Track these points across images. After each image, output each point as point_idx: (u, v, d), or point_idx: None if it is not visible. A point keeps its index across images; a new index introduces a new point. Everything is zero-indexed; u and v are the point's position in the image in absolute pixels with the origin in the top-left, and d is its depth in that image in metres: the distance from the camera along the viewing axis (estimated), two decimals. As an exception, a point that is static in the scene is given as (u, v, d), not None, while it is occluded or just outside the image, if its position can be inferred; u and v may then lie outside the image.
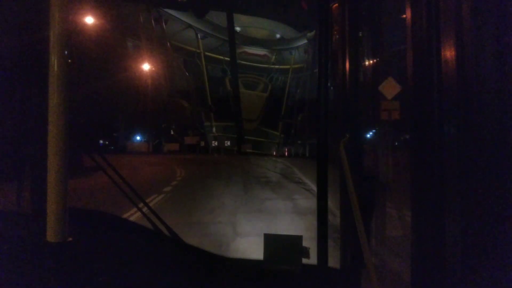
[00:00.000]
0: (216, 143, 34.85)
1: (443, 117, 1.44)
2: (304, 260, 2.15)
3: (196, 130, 36.91)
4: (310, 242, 2.02)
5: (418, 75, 1.55)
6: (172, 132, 37.36)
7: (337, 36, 2.28)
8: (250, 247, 5.76)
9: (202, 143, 35.56)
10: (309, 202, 10.28)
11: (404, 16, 1.65)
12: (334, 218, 2.55)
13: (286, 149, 36.05)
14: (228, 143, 32.80)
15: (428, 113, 1.49)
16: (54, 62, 1.59)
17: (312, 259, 2.13)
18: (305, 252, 2.15)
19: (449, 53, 1.43)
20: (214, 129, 34.31)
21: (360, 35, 2.32)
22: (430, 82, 1.49)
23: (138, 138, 38.06)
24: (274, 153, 36.36)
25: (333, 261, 2.17)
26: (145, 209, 2.70)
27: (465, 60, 1.37)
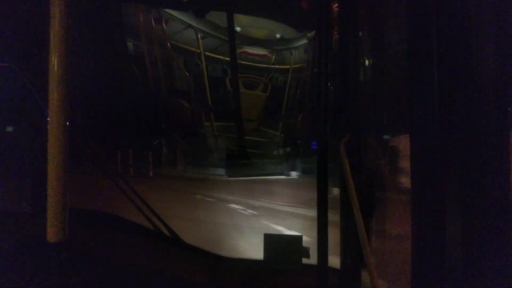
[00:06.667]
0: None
1: (443, 117, 1.44)
2: (304, 260, 2.15)
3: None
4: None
5: (418, 74, 1.55)
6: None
7: (337, 36, 2.28)
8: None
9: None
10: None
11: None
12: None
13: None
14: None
15: (428, 113, 1.49)
16: (54, 62, 1.60)
17: (312, 259, 2.13)
18: (305, 252, 2.15)
19: (449, 51, 1.43)
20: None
21: (360, 35, 2.31)
22: (430, 81, 1.49)
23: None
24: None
25: (333, 261, 2.18)
26: (145, 209, 2.70)
27: (466, 59, 1.37)
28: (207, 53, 15.33)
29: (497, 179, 1.31)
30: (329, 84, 2.22)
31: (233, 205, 7.80)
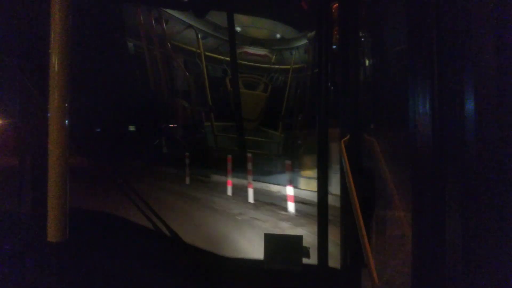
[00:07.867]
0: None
1: (443, 116, 1.44)
2: (305, 260, 2.15)
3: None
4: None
5: (418, 74, 1.55)
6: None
7: (337, 36, 2.28)
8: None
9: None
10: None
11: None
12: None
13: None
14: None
15: (428, 112, 1.49)
16: (54, 62, 1.60)
17: (313, 259, 2.13)
18: (305, 252, 2.15)
19: (449, 51, 1.43)
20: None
21: (360, 35, 2.31)
22: (430, 81, 1.49)
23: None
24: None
25: (333, 261, 2.17)
26: (145, 209, 2.71)
27: (465, 59, 1.37)
28: (207, 53, 15.31)
29: (498, 179, 1.31)
30: (329, 84, 2.22)
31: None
